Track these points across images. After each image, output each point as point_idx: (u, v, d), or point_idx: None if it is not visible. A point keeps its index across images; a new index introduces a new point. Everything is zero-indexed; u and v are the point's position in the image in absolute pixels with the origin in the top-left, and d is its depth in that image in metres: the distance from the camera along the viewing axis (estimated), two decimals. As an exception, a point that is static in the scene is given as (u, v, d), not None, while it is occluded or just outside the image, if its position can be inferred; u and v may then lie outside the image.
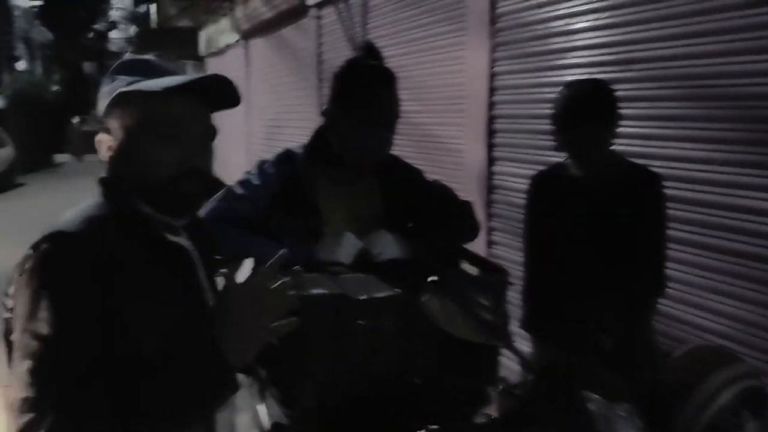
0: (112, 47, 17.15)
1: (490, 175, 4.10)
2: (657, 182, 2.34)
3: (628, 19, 3.03)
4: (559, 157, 2.41)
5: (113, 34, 16.92)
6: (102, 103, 1.28)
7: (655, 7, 2.86)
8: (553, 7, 3.55)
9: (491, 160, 4.10)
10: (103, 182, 1.29)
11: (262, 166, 2.05)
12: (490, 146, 4.09)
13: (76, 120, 22.28)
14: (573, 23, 3.43)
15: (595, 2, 3.26)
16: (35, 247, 1.13)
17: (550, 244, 2.44)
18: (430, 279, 1.70)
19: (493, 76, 4.03)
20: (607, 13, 3.18)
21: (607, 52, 3.19)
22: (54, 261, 1.11)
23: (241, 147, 10.72)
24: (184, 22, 14.52)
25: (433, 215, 2.11)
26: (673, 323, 2.71)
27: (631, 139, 2.81)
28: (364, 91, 1.94)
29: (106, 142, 1.28)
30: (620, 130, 2.28)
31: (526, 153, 3.84)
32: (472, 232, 2.16)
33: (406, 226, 2.16)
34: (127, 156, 1.25)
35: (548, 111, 2.97)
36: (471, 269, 2.05)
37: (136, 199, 1.26)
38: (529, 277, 2.53)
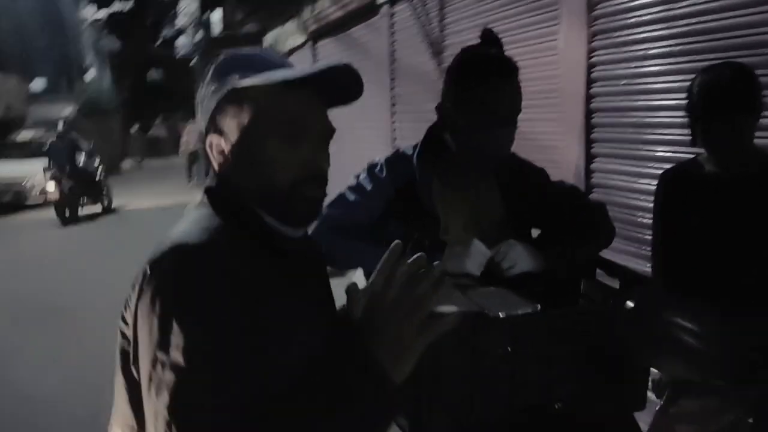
0: (179, 53, 17.39)
1: (589, 173, 3.85)
2: None
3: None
4: (677, 152, 2.14)
5: (180, 41, 17.15)
6: (209, 103, 1.14)
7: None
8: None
9: (590, 157, 3.84)
10: (214, 190, 1.14)
11: (373, 169, 1.88)
12: (589, 142, 3.84)
13: (135, 127, 22.85)
14: (676, 7, 3.16)
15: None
16: (154, 264, 0.99)
17: (688, 253, 2.15)
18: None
19: (590, 67, 3.77)
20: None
21: (715, 37, 2.92)
22: (181, 278, 0.97)
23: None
24: (250, 27, 14.59)
25: (564, 221, 1.90)
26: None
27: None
28: (484, 84, 1.73)
29: (217, 146, 1.13)
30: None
31: (628, 148, 3.58)
32: (608, 239, 1.94)
33: (532, 233, 1.96)
34: (245, 159, 1.11)
35: (650, 102, 2.72)
36: (609, 280, 1.83)
37: (255, 207, 1.12)
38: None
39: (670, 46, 3.24)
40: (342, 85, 1.14)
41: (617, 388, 1.62)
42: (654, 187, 2.23)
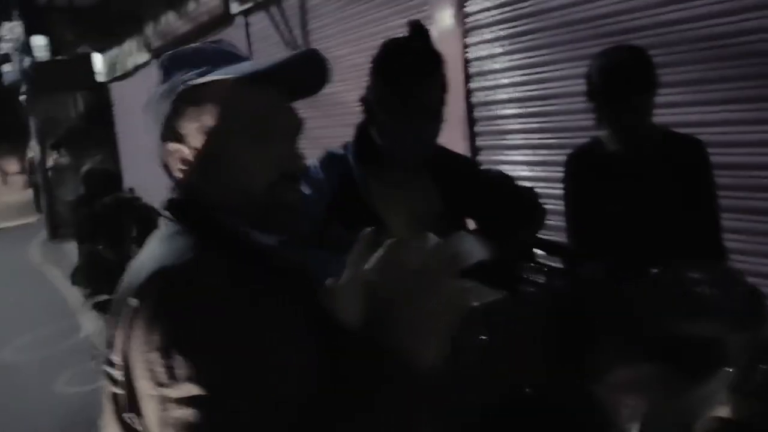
0: (6, 81, 15.98)
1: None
2: (702, 149, 2.22)
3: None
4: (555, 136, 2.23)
5: (5, 68, 15.77)
6: (161, 106, 1.00)
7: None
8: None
9: (475, 151, 3.93)
10: (182, 204, 1.02)
11: (308, 173, 1.78)
12: (472, 136, 3.93)
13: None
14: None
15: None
16: (141, 296, 0.86)
17: (599, 228, 2.26)
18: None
19: (467, 63, 3.87)
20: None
21: (588, 26, 3.10)
22: (175, 304, 0.85)
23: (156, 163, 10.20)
24: (84, 48, 13.75)
25: (498, 208, 1.91)
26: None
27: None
28: (405, 77, 1.69)
29: (176, 154, 1.00)
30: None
31: (512, 139, 3.70)
32: (542, 220, 1.97)
33: (468, 222, 1.96)
34: (212, 165, 0.99)
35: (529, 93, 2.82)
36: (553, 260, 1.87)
37: (228, 218, 1.00)
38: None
39: (543, 38, 3.38)
40: (306, 75, 1.05)
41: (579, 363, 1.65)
42: (538, 173, 2.31)
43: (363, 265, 0.91)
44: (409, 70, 1.66)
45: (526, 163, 3.59)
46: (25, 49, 14.19)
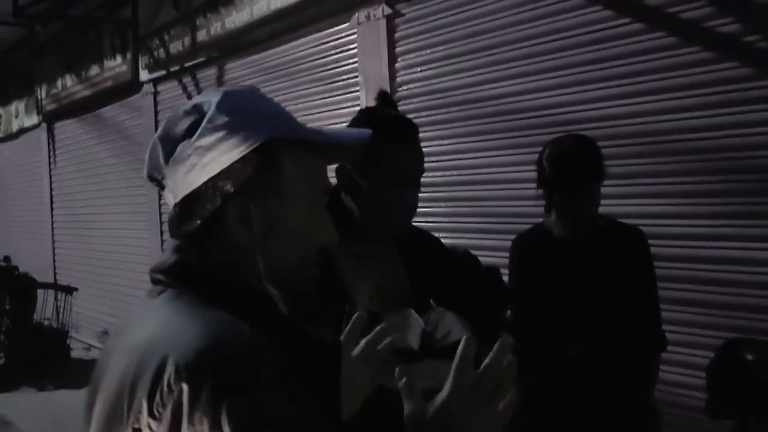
0: None
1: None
2: (643, 239, 2.30)
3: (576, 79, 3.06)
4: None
5: None
6: (232, 151, 0.88)
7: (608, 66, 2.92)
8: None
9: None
10: (203, 266, 0.90)
11: None
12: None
13: None
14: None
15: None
16: (195, 377, 0.75)
17: (543, 310, 2.27)
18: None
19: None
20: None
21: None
22: (243, 388, 0.75)
23: (44, 238, 9.57)
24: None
25: (467, 287, 1.86)
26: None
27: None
28: (389, 145, 1.65)
29: (238, 208, 0.89)
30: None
31: (440, 160, 3.72)
32: (506, 300, 1.95)
33: (431, 301, 1.90)
34: (277, 231, 0.91)
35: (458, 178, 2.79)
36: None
37: (261, 285, 0.92)
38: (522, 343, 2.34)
39: (474, 125, 3.46)
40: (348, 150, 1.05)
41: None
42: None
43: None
44: (394, 138, 1.62)
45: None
46: None
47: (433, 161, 3.65)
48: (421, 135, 1.71)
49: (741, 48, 2.49)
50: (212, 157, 0.88)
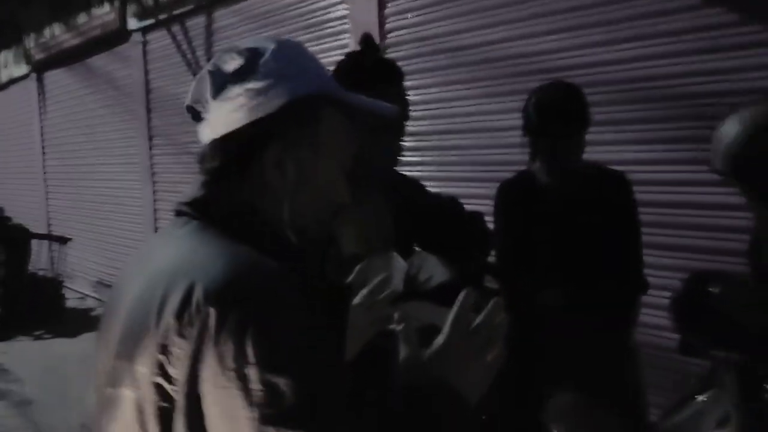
0: None
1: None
2: (628, 185, 2.31)
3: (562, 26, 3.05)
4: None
5: None
6: (279, 98, 0.91)
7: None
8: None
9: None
10: (232, 203, 0.94)
11: None
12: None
13: None
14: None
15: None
16: (222, 303, 0.78)
17: (528, 256, 2.30)
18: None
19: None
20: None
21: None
22: (272, 313, 0.80)
23: (37, 189, 9.56)
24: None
25: (451, 232, 1.89)
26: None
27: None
28: (373, 89, 1.65)
29: (275, 155, 0.93)
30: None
31: (428, 171, 3.73)
32: (490, 245, 1.98)
33: (415, 246, 1.93)
34: (306, 183, 0.96)
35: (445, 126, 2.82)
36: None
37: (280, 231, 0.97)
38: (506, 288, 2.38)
39: (460, 73, 3.45)
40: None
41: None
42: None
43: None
44: (379, 80, 1.63)
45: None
46: None
47: (421, 110, 3.65)
48: (410, 83, 1.71)
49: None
50: (260, 101, 0.90)
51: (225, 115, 0.92)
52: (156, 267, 0.87)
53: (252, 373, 0.75)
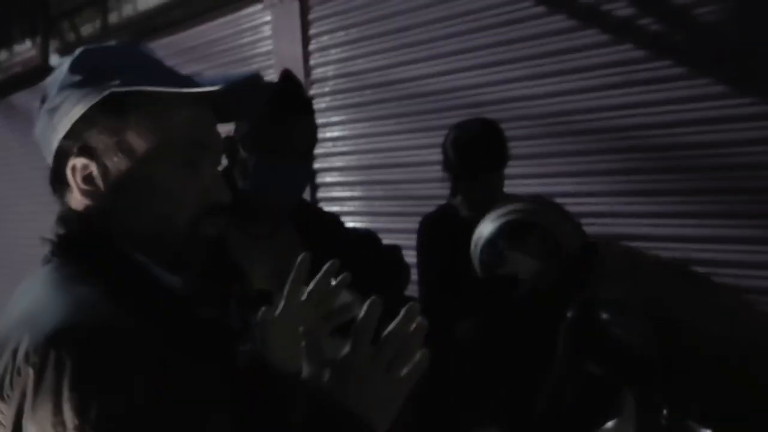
0: None
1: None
2: None
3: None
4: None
5: None
6: (71, 109, 0.85)
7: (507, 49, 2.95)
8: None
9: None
10: (75, 237, 0.86)
11: None
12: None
13: None
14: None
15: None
16: (43, 359, 0.71)
17: (451, 288, 2.29)
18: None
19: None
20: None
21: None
22: (92, 371, 0.71)
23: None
24: None
25: (366, 266, 1.86)
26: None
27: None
28: (275, 117, 1.63)
29: (82, 171, 0.86)
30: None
31: (352, 205, 3.71)
32: (408, 279, 1.96)
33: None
34: (130, 191, 0.85)
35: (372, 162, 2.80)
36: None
37: (137, 255, 0.87)
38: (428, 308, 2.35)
39: (387, 108, 3.46)
40: (240, 99, 0.96)
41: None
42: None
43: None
44: (287, 109, 1.61)
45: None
46: None
47: (347, 145, 3.64)
48: (335, 119, 1.69)
49: (636, 31, 2.57)
50: (59, 118, 0.85)
51: (43, 145, 0.90)
52: (7, 319, 0.81)
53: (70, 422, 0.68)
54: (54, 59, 6.42)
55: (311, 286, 1.00)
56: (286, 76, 1.74)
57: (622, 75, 2.61)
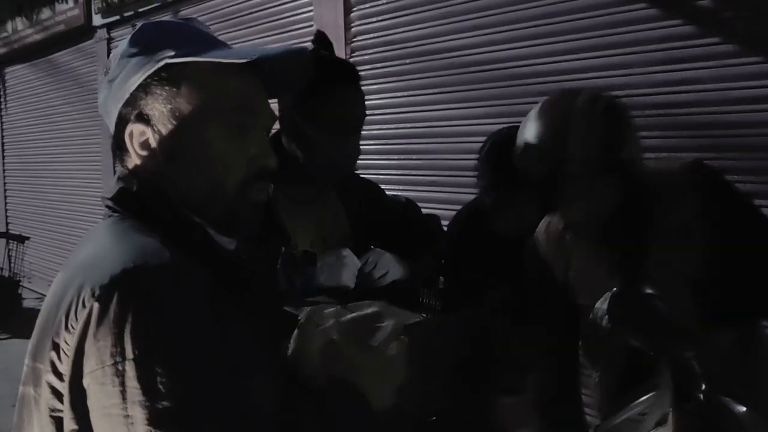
0: None
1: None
2: None
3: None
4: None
5: None
6: (129, 79, 0.92)
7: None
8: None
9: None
10: (140, 195, 0.91)
11: None
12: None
13: None
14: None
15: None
16: (103, 297, 0.77)
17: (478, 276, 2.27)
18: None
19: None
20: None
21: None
22: (151, 308, 0.77)
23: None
24: None
25: (406, 233, 1.88)
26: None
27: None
28: (332, 89, 1.64)
29: (140, 137, 0.92)
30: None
31: (392, 174, 3.73)
32: (444, 249, 1.98)
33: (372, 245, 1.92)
34: (183, 155, 0.91)
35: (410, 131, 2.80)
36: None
37: (192, 215, 0.92)
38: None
39: (428, 77, 3.45)
40: (288, 71, 1.01)
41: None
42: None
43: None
44: (336, 83, 1.61)
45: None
46: None
47: (386, 113, 3.65)
48: (374, 87, 1.70)
49: (684, 6, 2.52)
50: (117, 88, 0.92)
51: (104, 113, 0.97)
52: (72, 262, 0.87)
53: (129, 369, 0.73)
54: (96, 19, 6.50)
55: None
56: (322, 41, 1.74)
57: (667, 51, 2.58)
